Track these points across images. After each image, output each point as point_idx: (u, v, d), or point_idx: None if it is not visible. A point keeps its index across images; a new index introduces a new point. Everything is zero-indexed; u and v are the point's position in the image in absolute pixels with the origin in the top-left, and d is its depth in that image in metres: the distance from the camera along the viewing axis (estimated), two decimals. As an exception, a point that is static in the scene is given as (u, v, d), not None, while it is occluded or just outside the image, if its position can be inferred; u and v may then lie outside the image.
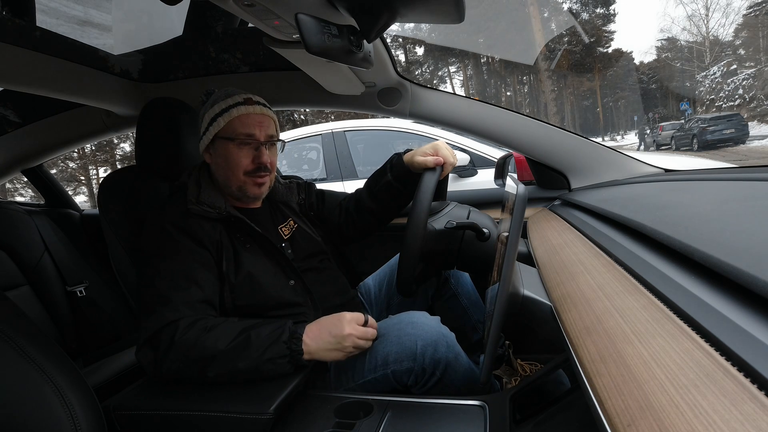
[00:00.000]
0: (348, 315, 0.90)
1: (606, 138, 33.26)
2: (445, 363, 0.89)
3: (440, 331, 0.92)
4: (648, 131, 21.76)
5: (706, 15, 27.54)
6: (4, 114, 1.53)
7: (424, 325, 0.92)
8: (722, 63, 25.38)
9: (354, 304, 1.17)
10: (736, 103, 21.94)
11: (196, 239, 0.96)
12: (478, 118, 1.33)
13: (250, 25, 1.23)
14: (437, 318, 0.96)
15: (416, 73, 33.60)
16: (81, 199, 16.22)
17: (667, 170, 1.28)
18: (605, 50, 32.39)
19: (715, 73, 25.22)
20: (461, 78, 36.96)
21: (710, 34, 27.90)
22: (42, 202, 1.97)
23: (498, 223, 1.09)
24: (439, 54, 34.46)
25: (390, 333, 0.93)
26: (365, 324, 0.91)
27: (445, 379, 0.90)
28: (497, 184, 1.26)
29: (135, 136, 1.25)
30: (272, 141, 1.06)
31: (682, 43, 30.55)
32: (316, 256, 1.14)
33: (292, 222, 1.16)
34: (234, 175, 1.03)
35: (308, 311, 1.02)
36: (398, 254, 1.03)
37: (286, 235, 1.12)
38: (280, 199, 1.18)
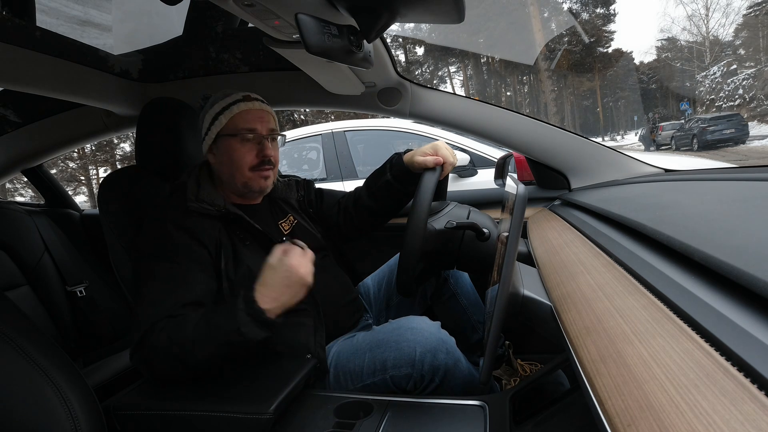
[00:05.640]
0: (292, 260, 0.83)
1: (606, 138, 33.26)
2: (444, 370, 0.89)
3: (440, 337, 0.92)
4: (652, 130, 21.39)
5: (706, 15, 27.55)
6: (4, 114, 1.53)
7: (423, 331, 0.92)
8: (722, 63, 25.37)
9: (356, 304, 1.17)
10: (736, 103, 21.92)
11: (194, 237, 0.96)
12: (478, 118, 1.33)
13: (250, 25, 1.23)
14: (437, 323, 0.96)
15: (416, 73, 33.59)
16: (81, 199, 16.21)
17: (667, 170, 1.28)
18: (605, 50, 32.38)
19: (715, 73, 25.21)
20: (461, 78, 36.96)
21: (710, 34, 27.91)
22: (42, 202, 1.97)
23: (498, 223, 1.09)
24: (439, 54, 34.45)
25: (389, 338, 0.93)
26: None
27: (444, 385, 0.89)
28: (497, 184, 1.25)
29: (135, 136, 1.25)
30: (274, 135, 1.08)
31: (682, 43, 30.56)
32: (317, 252, 1.14)
33: (291, 218, 1.17)
34: (239, 171, 1.04)
35: (309, 308, 1.02)
36: (398, 254, 1.03)
37: (286, 231, 1.12)
38: (279, 196, 1.18)
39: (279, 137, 1.11)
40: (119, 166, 4.95)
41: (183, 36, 1.31)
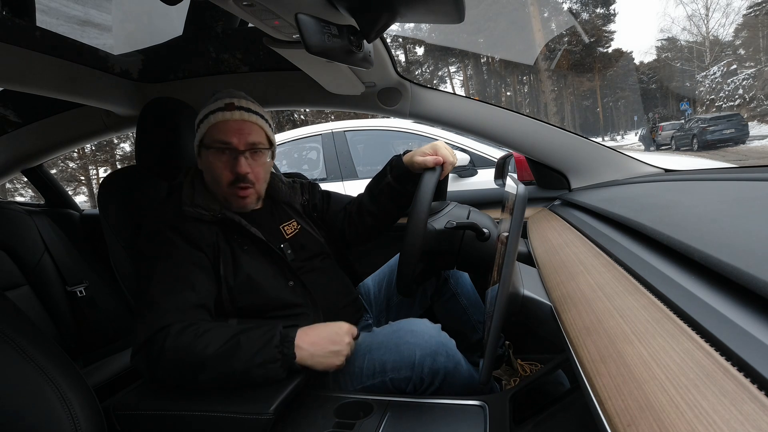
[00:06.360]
0: (346, 327, 0.90)
1: (606, 138, 33.26)
2: (444, 373, 0.88)
3: (440, 341, 0.91)
4: (652, 130, 21.24)
5: (706, 15, 27.55)
6: (4, 114, 1.53)
7: (423, 334, 0.91)
8: (722, 63, 25.37)
9: (356, 305, 1.17)
10: (736, 103, 21.92)
11: (191, 242, 0.95)
12: (478, 118, 1.33)
13: (250, 25, 1.23)
14: (438, 326, 0.95)
15: (416, 73, 33.58)
16: (81, 199, 16.22)
17: (667, 170, 1.28)
18: (605, 50, 32.40)
19: (715, 73, 25.20)
20: (461, 78, 36.97)
21: (710, 34, 27.91)
22: (42, 202, 1.97)
23: (498, 223, 1.09)
24: (439, 54, 34.45)
25: (389, 341, 0.92)
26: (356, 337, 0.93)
27: (444, 388, 0.89)
28: (497, 184, 1.26)
29: (135, 136, 1.25)
30: (255, 148, 1.01)
31: (682, 43, 30.57)
32: (318, 256, 1.13)
33: (294, 223, 1.14)
34: (218, 185, 1.01)
35: (309, 312, 1.01)
36: (398, 254, 1.02)
37: (288, 235, 1.11)
38: (283, 199, 1.16)
39: (267, 151, 1.04)
40: (119, 166, 4.95)
41: (183, 36, 1.31)
